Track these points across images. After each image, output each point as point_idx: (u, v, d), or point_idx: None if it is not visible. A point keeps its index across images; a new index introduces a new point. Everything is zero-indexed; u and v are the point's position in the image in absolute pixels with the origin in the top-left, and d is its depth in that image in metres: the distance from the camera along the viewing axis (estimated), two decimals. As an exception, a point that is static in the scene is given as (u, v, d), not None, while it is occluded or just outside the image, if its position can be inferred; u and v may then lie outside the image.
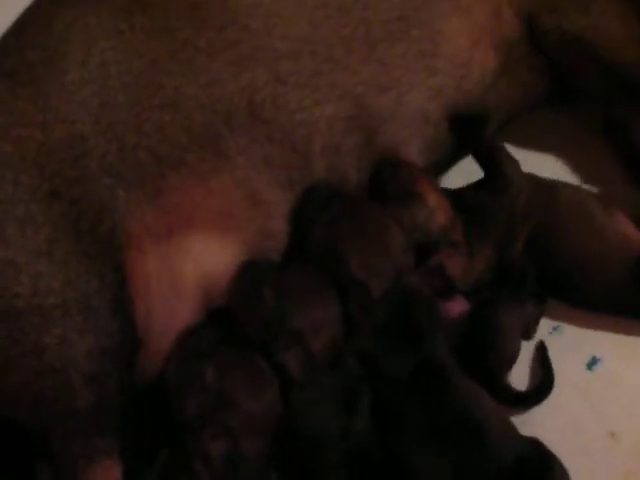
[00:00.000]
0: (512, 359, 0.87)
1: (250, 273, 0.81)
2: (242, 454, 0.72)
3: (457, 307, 0.88)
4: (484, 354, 0.86)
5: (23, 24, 0.87)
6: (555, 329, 0.91)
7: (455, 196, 0.92)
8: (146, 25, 0.84)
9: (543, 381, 0.87)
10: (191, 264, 0.81)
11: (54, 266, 0.75)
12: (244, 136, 0.83)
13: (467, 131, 0.91)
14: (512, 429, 0.79)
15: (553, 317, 0.91)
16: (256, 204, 0.84)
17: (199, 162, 0.82)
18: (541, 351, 0.89)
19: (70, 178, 0.78)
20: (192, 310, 0.81)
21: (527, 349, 0.89)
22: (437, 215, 0.88)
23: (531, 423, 0.84)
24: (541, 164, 0.98)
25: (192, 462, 0.71)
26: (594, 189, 0.98)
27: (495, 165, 0.91)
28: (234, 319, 0.78)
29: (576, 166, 1.00)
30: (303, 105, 0.85)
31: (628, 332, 0.90)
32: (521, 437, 0.78)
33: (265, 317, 0.77)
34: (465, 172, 0.96)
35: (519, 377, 0.88)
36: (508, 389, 0.86)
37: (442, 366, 0.80)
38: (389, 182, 0.89)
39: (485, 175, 0.92)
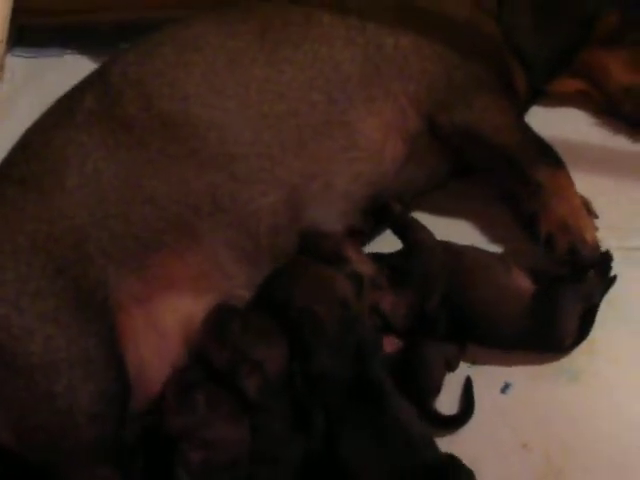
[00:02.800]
0: (437, 388, 1.01)
1: (220, 314, 0.98)
2: (215, 463, 0.88)
3: (391, 345, 1.04)
4: (414, 384, 1.00)
5: (27, 141, 1.05)
6: (473, 363, 1.05)
7: (382, 258, 1.08)
8: (127, 140, 1.01)
9: (465, 407, 1.01)
10: (171, 316, 0.97)
11: (60, 329, 0.91)
12: (210, 222, 1.00)
13: (382, 210, 1.08)
14: (433, 443, 0.93)
15: (471, 354, 1.05)
16: (222, 273, 1.01)
17: (175, 243, 0.99)
18: (466, 384, 1.02)
19: (71, 260, 0.95)
20: (175, 352, 0.97)
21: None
22: (363, 268, 1.04)
23: (456, 440, 0.98)
24: (452, 229, 1.13)
25: (176, 469, 0.86)
26: (498, 247, 1.12)
27: (409, 235, 1.07)
28: (204, 355, 0.95)
29: (482, 229, 1.15)
30: (252, 196, 1.02)
31: (532, 361, 1.04)
32: (439, 451, 0.93)
33: (231, 348, 0.94)
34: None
35: (448, 403, 1.01)
36: (435, 413, 1.00)
37: (380, 385, 0.95)
38: (318, 248, 1.04)
39: (402, 243, 1.08)
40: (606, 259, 1.06)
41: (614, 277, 1.06)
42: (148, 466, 0.93)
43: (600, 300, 1.05)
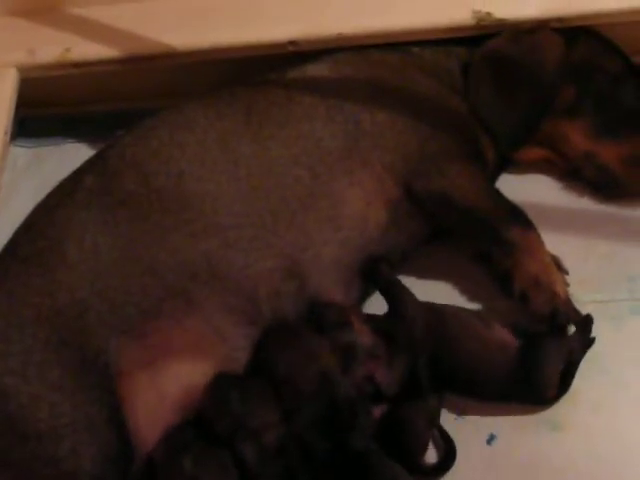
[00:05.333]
0: (425, 445, 1.05)
1: (220, 383, 1.01)
2: None
3: (378, 410, 1.06)
4: (401, 445, 1.03)
5: (31, 221, 1.11)
6: (460, 416, 1.08)
7: (375, 321, 1.11)
8: (124, 215, 1.06)
9: (446, 454, 1.04)
10: (171, 381, 1.01)
11: (65, 395, 0.95)
12: (207, 289, 1.04)
13: (369, 273, 1.12)
14: None
15: (457, 407, 1.08)
16: (221, 338, 1.04)
17: (173, 310, 1.03)
18: (441, 431, 1.06)
19: (74, 330, 0.99)
20: (174, 416, 1.00)
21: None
22: (363, 338, 1.08)
23: None
24: (434, 291, 1.17)
25: None
26: (479, 305, 1.17)
27: (393, 296, 1.11)
28: (205, 419, 0.98)
29: (463, 289, 1.19)
30: (248, 263, 1.06)
31: (516, 413, 1.06)
32: None
33: (230, 417, 0.97)
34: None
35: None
36: (424, 465, 1.04)
37: (364, 455, 0.99)
38: (322, 320, 1.08)
39: (388, 305, 1.12)
40: (587, 320, 1.10)
41: (593, 338, 1.10)
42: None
43: (581, 358, 1.08)
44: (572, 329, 1.10)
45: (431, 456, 1.06)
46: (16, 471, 0.94)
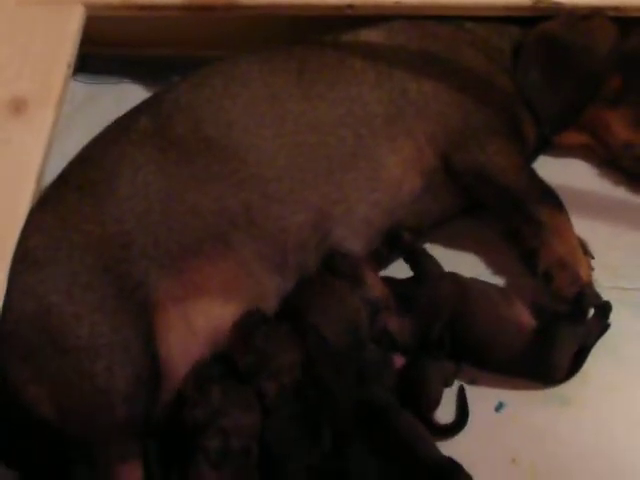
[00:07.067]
0: (436, 401, 1.09)
1: (248, 320, 1.06)
2: (231, 449, 0.97)
3: (397, 362, 1.12)
4: (415, 398, 1.08)
5: (87, 153, 1.16)
6: (471, 382, 1.12)
7: (393, 283, 1.16)
8: (174, 157, 1.11)
9: (459, 416, 1.09)
10: (202, 317, 1.07)
11: (105, 317, 1.02)
12: (243, 234, 1.09)
13: (394, 238, 1.16)
14: (435, 448, 1.02)
15: (470, 374, 1.12)
16: (252, 280, 1.09)
17: (211, 250, 1.08)
18: (460, 394, 1.10)
19: (118, 259, 1.05)
20: (202, 350, 1.06)
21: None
22: (373, 290, 1.13)
23: (449, 450, 1.02)
24: (460, 261, 1.21)
25: (195, 455, 0.95)
26: (502, 279, 1.20)
27: (418, 264, 1.16)
28: (232, 356, 1.04)
29: (488, 262, 1.22)
30: (283, 214, 1.11)
31: (526, 386, 1.10)
32: (441, 454, 1.01)
33: (255, 353, 1.03)
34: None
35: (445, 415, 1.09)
36: (433, 423, 1.08)
37: (383, 407, 1.04)
38: (339, 267, 1.13)
39: (412, 271, 1.17)
40: (606, 306, 1.13)
41: (608, 324, 1.12)
42: (169, 452, 1.01)
43: (594, 343, 1.11)
44: (591, 313, 1.13)
45: (443, 418, 1.10)
46: (52, 382, 1.00)
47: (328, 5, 1.27)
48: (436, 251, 1.20)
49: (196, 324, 1.07)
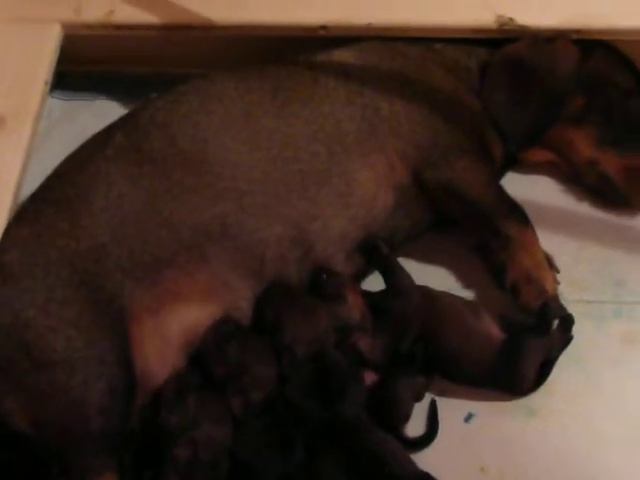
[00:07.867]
0: (407, 416, 1.11)
1: (220, 330, 1.08)
2: (200, 460, 0.98)
3: (369, 378, 1.13)
4: (386, 414, 1.10)
5: (63, 169, 1.17)
6: (442, 393, 1.14)
7: (369, 296, 1.18)
8: (150, 171, 1.12)
9: (429, 429, 1.10)
10: (176, 324, 1.08)
11: (80, 332, 1.03)
12: (218, 246, 1.11)
13: (372, 250, 1.18)
14: (411, 463, 1.03)
15: (440, 386, 1.14)
16: (228, 289, 1.11)
17: (186, 262, 1.10)
18: (431, 408, 1.12)
19: (93, 273, 1.06)
20: (176, 356, 1.07)
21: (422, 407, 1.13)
22: (354, 311, 1.15)
23: (420, 461, 1.05)
24: (430, 275, 1.23)
25: (165, 465, 0.96)
26: (472, 293, 1.22)
27: (390, 274, 1.17)
28: (203, 363, 1.05)
29: (459, 276, 1.24)
30: (259, 227, 1.13)
31: (494, 397, 1.12)
32: (417, 469, 1.03)
33: (227, 365, 1.04)
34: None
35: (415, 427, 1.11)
36: (404, 437, 1.09)
37: (353, 422, 1.05)
38: (323, 286, 1.15)
39: (385, 283, 1.18)
40: (569, 319, 1.16)
41: (572, 336, 1.15)
42: (140, 458, 1.02)
43: (559, 355, 1.13)
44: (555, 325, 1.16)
45: (414, 431, 1.12)
46: (28, 395, 1.01)
47: (302, 26, 1.30)
48: (408, 265, 1.21)
49: (171, 332, 1.08)
